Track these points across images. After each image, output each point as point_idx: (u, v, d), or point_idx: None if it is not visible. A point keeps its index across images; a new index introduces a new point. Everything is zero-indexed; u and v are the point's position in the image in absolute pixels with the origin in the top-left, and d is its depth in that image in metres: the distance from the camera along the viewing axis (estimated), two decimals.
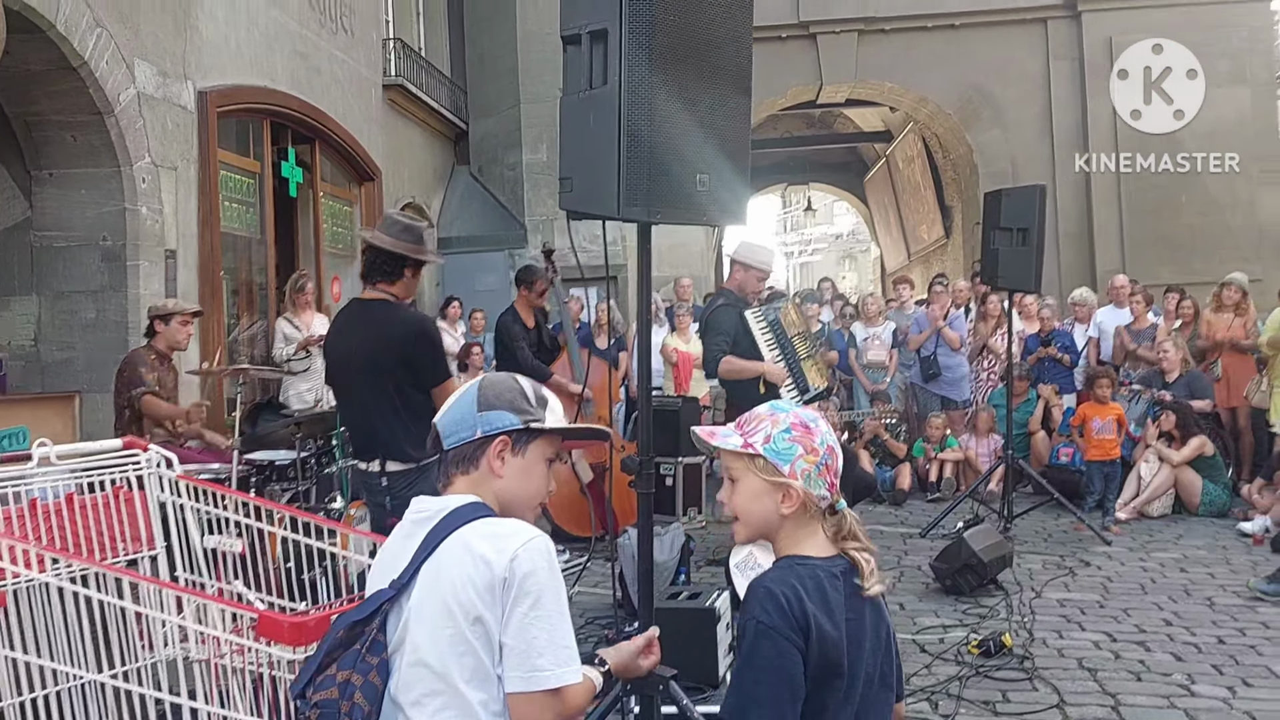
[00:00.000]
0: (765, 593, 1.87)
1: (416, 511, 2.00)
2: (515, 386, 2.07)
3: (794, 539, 1.96)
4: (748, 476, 1.97)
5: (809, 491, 1.93)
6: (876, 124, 19.96)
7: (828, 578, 1.91)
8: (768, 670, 1.83)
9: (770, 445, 1.94)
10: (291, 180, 9.52)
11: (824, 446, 1.95)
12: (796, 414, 1.98)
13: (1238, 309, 9.16)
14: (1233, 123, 13.59)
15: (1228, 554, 7.03)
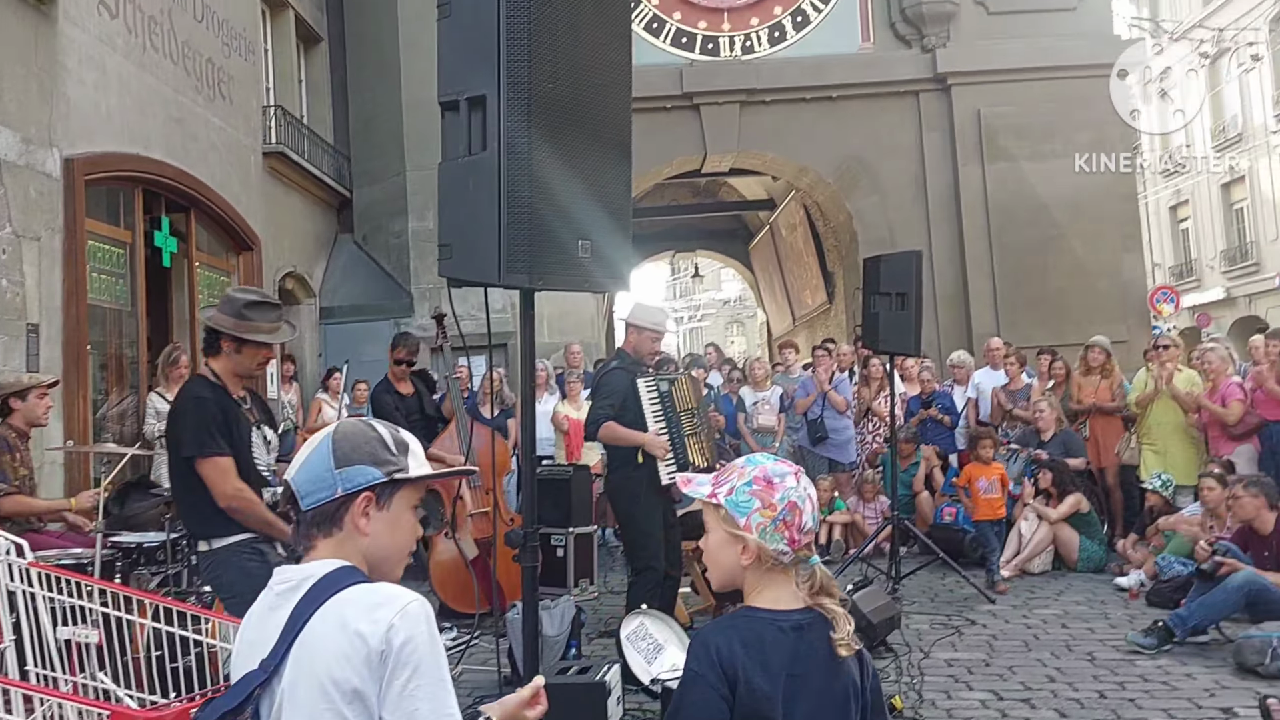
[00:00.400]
0: (700, 642, 1.96)
1: (280, 582, 1.85)
2: (373, 435, 1.91)
3: (756, 590, 2.01)
4: (715, 526, 2.04)
5: (763, 545, 1.97)
6: (760, 192, 20.39)
7: (774, 631, 1.95)
8: (692, 717, 1.91)
9: (731, 497, 2.00)
10: (165, 250, 9.23)
11: (784, 503, 1.98)
12: (765, 468, 2.02)
13: (1103, 370, 9.52)
14: (1095, 191, 14.24)
15: (1106, 609, 7.21)
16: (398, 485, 1.90)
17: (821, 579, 2.00)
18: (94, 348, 8.21)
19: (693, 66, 14.44)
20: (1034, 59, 14.24)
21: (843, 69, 14.44)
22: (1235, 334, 21.91)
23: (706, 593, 7.22)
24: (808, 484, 2.04)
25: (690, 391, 6.54)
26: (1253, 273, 28.04)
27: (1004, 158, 14.31)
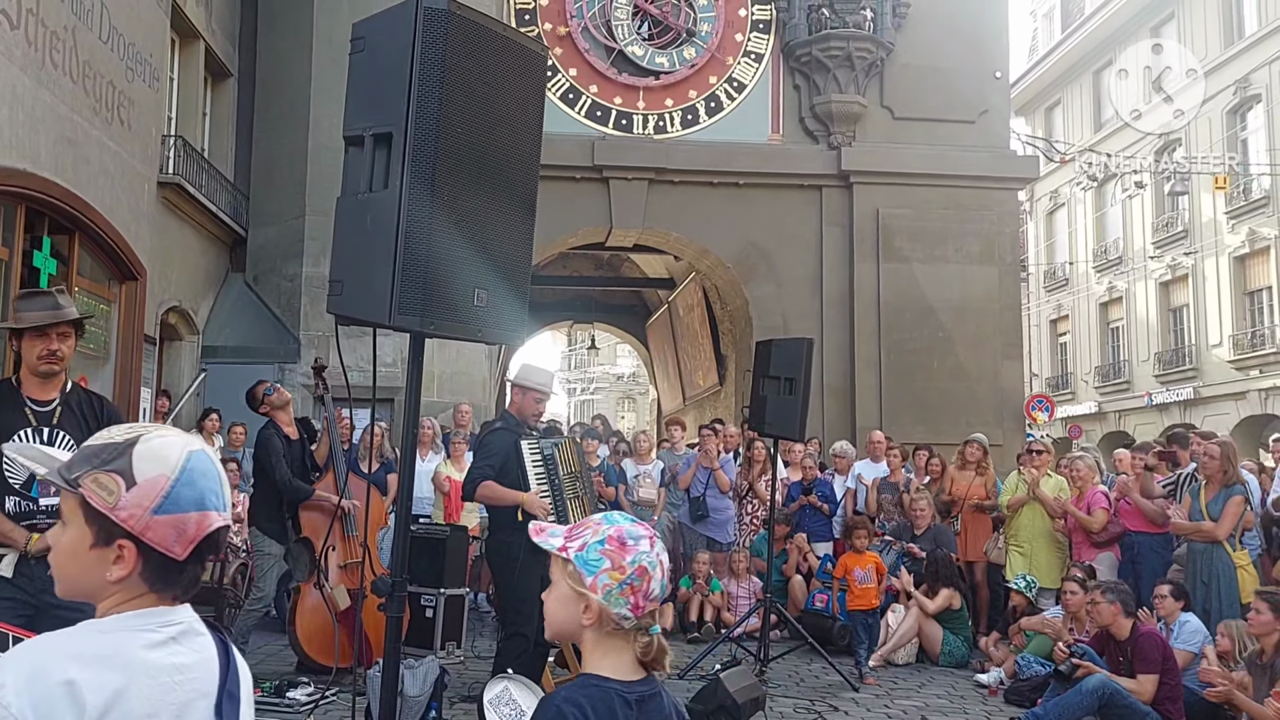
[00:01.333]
0: (554, 711, 1.84)
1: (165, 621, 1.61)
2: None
3: (596, 653, 1.94)
4: (560, 580, 1.96)
5: (605, 608, 1.89)
6: (661, 270, 20.65)
7: (621, 704, 1.88)
8: None
9: (581, 554, 1.92)
10: (44, 271, 8.87)
11: (634, 566, 1.90)
12: (621, 528, 1.94)
13: (979, 468, 9.80)
14: (981, 298, 14.79)
15: (965, 704, 7.31)
16: None
17: (657, 650, 1.94)
18: None
19: (605, 140, 14.65)
20: (933, 165, 14.82)
21: (751, 158, 14.81)
22: (1104, 447, 22.78)
23: (574, 664, 7.11)
24: (661, 550, 1.98)
25: (574, 455, 6.51)
26: (1124, 390, 29.30)
27: (898, 258, 14.77)
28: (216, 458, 1.62)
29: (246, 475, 9.38)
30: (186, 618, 1.59)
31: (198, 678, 1.56)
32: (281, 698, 6.30)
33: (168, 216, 11.62)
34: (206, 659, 1.59)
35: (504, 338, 3.54)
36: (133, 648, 1.49)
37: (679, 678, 7.60)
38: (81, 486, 1.51)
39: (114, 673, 1.44)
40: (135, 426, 1.60)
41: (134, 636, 1.51)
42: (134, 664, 1.48)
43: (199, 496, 1.55)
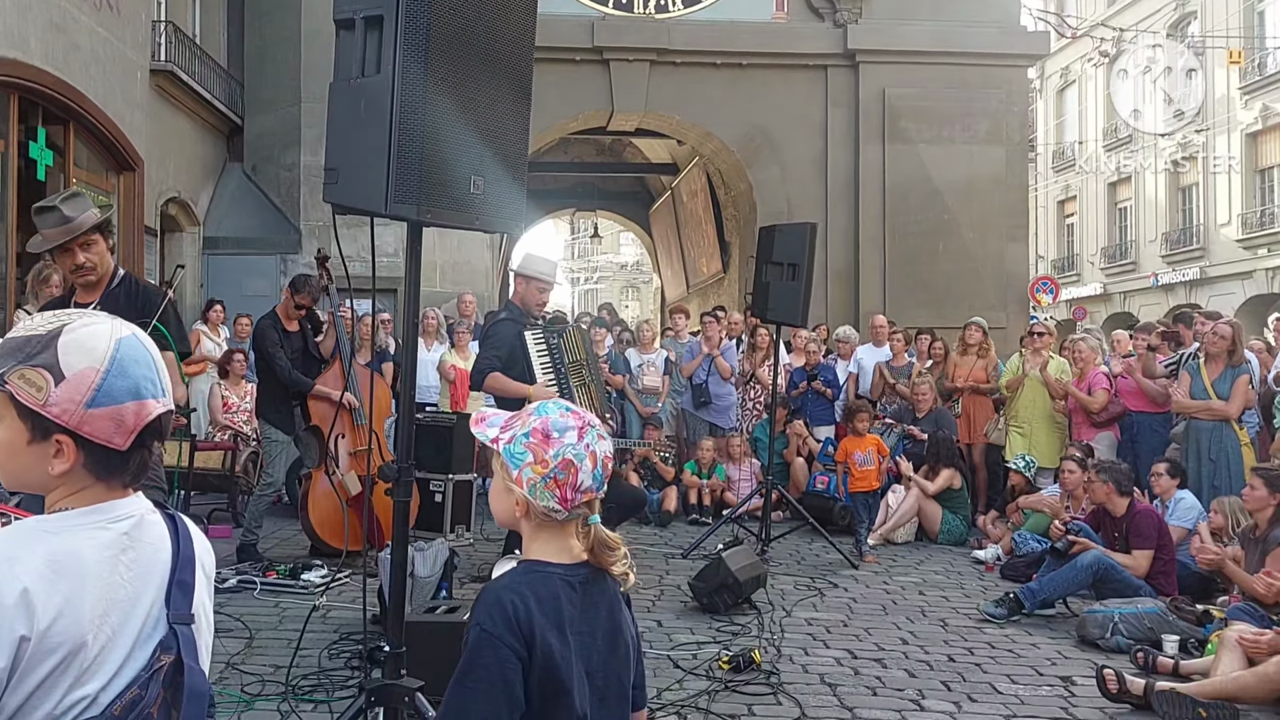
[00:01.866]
0: (494, 599, 1.82)
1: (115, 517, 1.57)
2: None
3: (536, 541, 1.93)
4: (497, 470, 1.95)
5: (532, 501, 1.88)
6: (664, 156, 20.41)
7: (564, 587, 1.87)
8: (485, 681, 1.77)
9: (510, 446, 1.90)
10: (40, 162, 8.82)
11: (558, 460, 1.87)
12: (547, 420, 1.90)
13: (980, 350, 9.84)
14: (988, 180, 14.63)
15: (962, 579, 7.49)
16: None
17: (597, 538, 1.91)
18: None
19: (605, 20, 14.34)
20: (941, 43, 14.52)
21: (754, 36, 14.50)
22: (1108, 328, 22.80)
23: None
24: (595, 440, 1.90)
25: (579, 344, 6.55)
26: (1129, 271, 29.20)
27: (904, 140, 14.58)
28: (149, 342, 1.56)
29: (251, 365, 9.45)
30: (138, 508, 1.55)
31: (149, 570, 1.53)
32: (296, 580, 6.47)
33: (162, 105, 11.48)
34: (158, 549, 1.56)
35: (502, 226, 3.52)
36: (83, 549, 1.46)
37: (682, 557, 7.79)
38: (8, 383, 1.45)
39: (64, 580, 1.41)
40: (60, 314, 1.53)
41: (84, 536, 1.47)
42: (85, 567, 1.44)
43: (133, 386, 1.50)
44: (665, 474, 9.90)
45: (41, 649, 1.38)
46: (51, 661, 1.39)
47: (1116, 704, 4.73)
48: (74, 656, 1.41)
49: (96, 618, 1.44)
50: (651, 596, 6.64)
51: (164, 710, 1.48)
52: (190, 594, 1.57)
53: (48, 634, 1.38)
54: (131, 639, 1.48)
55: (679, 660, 5.22)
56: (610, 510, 6.67)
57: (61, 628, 1.39)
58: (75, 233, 3.96)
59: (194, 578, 1.58)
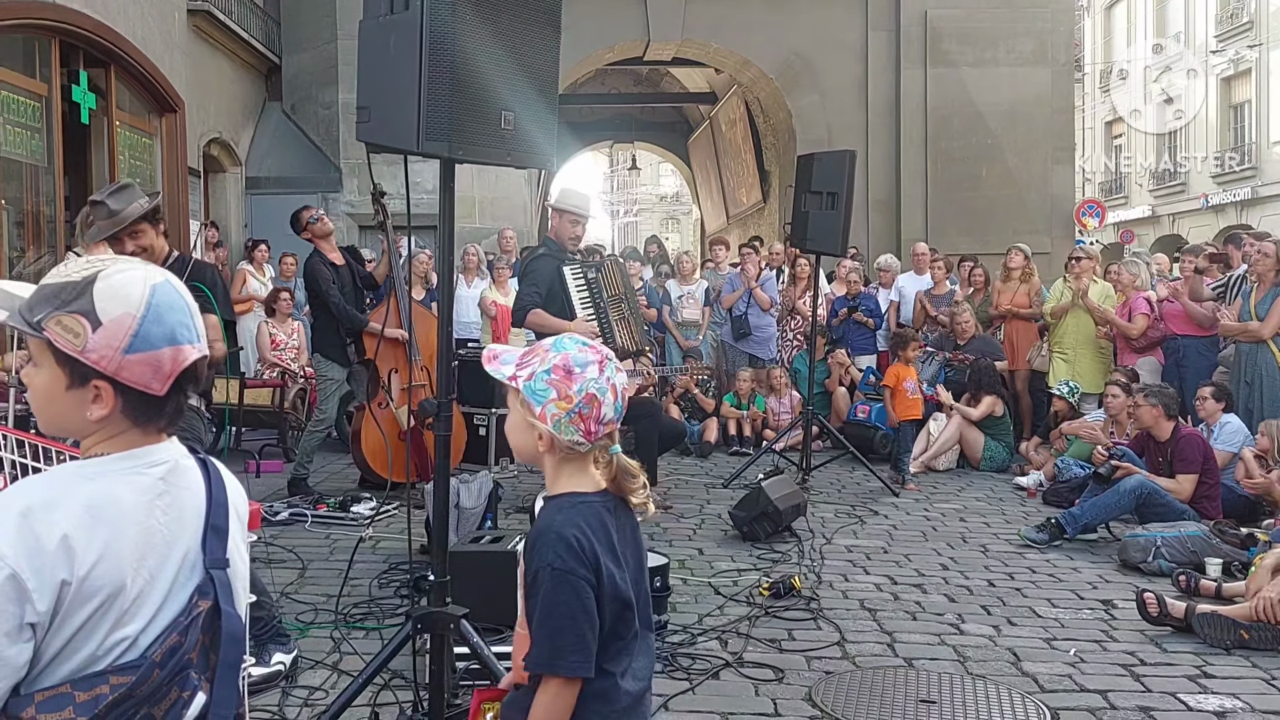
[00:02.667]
0: (556, 537, 1.86)
1: (151, 462, 1.58)
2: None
3: (563, 474, 1.96)
4: (515, 407, 1.97)
5: (556, 436, 1.91)
6: (702, 85, 20.16)
7: (605, 513, 1.93)
8: (570, 615, 1.83)
9: (530, 384, 1.91)
10: (83, 106, 8.90)
11: (581, 395, 1.89)
12: (567, 355, 1.93)
13: (1023, 275, 9.74)
14: (1032, 101, 14.32)
15: (1003, 505, 7.51)
16: None
17: (619, 466, 1.95)
18: (9, 203, 7.98)
19: None
20: None
21: None
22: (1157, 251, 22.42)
23: None
24: (614, 374, 1.95)
25: (617, 277, 6.57)
26: (1179, 192, 28.60)
27: (946, 63, 14.28)
28: (182, 287, 1.57)
29: (299, 304, 9.57)
30: (173, 454, 1.57)
31: (184, 515, 1.55)
32: (346, 512, 6.63)
33: (200, 46, 11.51)
34: (193, 494, 1.58)
35: (534, 161, 3.53)
36: (121, 494, 1.48)
37: (723, 487, 7.86)
38: (45, 330, 1.46)
39: (103, 526, 1.43)
40: (93, 261, 1.53)
41: (122, 481, 1.49)
42: (123, 514, 1.47)
43: (169, 332, 1.50)
44: (705, 406, 9.96)
45: (82, 593, 1.41)
46: (92, 605, 1.42)
47: (1157, 627, 4.75)
48: (114, 600, 1.44)
49: (135, 561, 1.46)
50: (692, 525, 6.73)
51: (203, 654, 1.51)
52: (225, 539, 1.59)
53: (88, 578, 1.41)
54: (169, 582, 1.51)
55: (719, 587, 5.30)
56: (652, 441, 6.74)
57: (101, 572, 1.42)
58: (121, 225, 4.06)
59: (228, 522, 1.61)
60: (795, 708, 3.83)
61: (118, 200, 4.11)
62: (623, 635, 1.92)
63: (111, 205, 4.12)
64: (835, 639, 4.58)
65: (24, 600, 1.37)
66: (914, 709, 3.83)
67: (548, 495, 1.99)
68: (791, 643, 4.54)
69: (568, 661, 1.83)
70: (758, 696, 3.93)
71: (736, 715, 3.75)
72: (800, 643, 4.54)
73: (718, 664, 4.21)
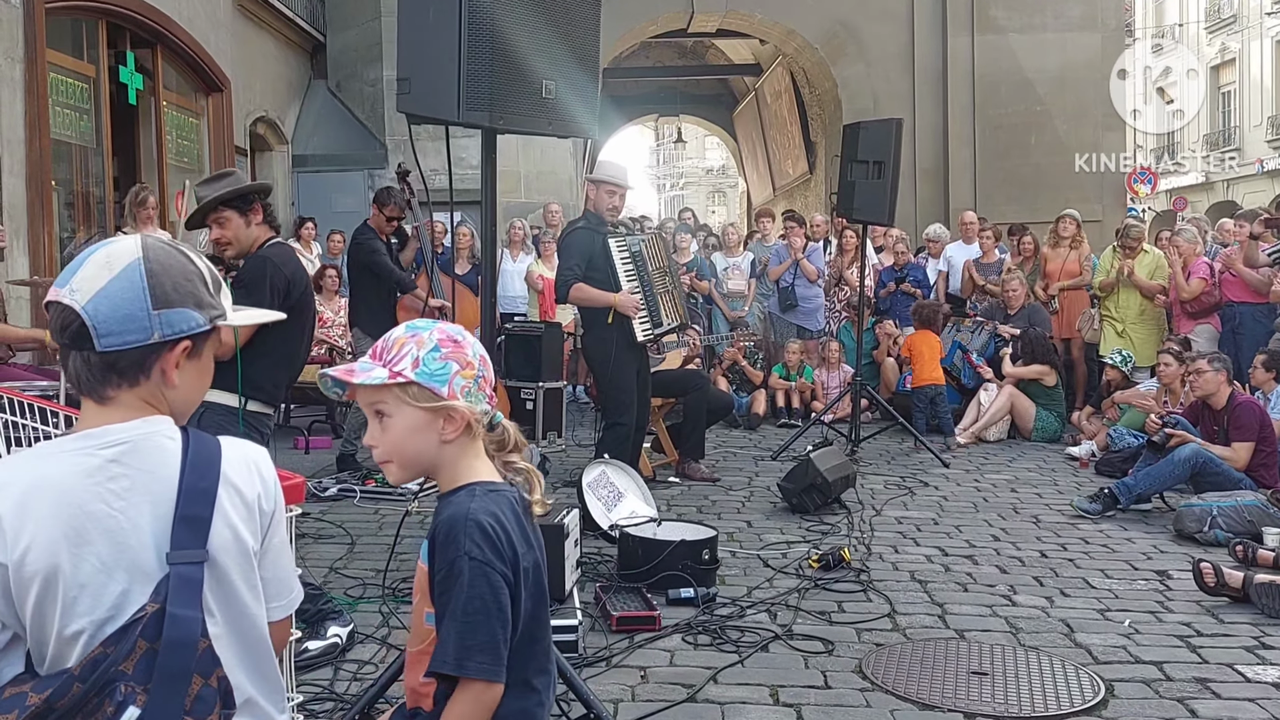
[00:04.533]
0: (473, 525, 1.70)
1: (105, 444, 1.48)
2: (193, 270, 1.57)
3: (463, 464, 1.81)
4: (401, 408, 1.77)
5: (472, 409, 1.78)
6: (747, 56, 20.00)
7: (517, 503, 1.80)
8: (483, 611, 1.69)
9: (421, 369, 1.76)
10: (131, 87, 9.00)
11: (477, 357, 1.81)
12: (440, 328, 1.81)
13: (1073, 242, 9.59)
14: (1081, 67, 14.06)
15: (1055, 476, 7.41)
16: (213, 330, 1.62)
17: (511, 434, 1.83)
18: (59, 184, 8.08)
19: None
20: None
21: None
22: (1211, 217, 21.93)
23: (670, 448, 7.36)
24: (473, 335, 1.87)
25: (661, 250, 6.55)
26: (1233, 157, 27.97)
27: (994, 29, 14.06)
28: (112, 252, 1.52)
29: (345, 282, 9.64)
30: (135, 432, 1.50)
31: (143, 500, 1.47)
32: (393, 487, 6.68)
33: (245, 25, 11.58)
34: (156, 478, 1.49)
35: (576, 130, 3.52)
36: (61, 476, 1.44)
37: (771, 459, 7.83)
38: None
39: (36, 507, 1.41)
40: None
41: (66, 462, 1.46)
42: (59, 495, 1.43)
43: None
44: (753, 378, 9.92)
45: (21, 579, 1.40)
46: (33, 592, 1.40)
47: (1214, 597, 4.66)
48: (51, 587, 1.40)
49: (72, 545, 1.41)
50: (741, 497, 6.71)
51: (144, 662, 1.41)
52: (202, 529, 1.48)
53: (23, 563, 1.39)
54: (130, 572, 1.45)
55: (769, 559, 5.28)
56: (700, 413, 6.72)
57: (34, 557, 1.39)
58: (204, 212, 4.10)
59: (209, 510, 1.49)
60: (846, 680, 3.81)
61: (206, 187, 4.13)
62: (539, 638, 1.80)
63: (199, 192, 4.16)
64: (886, 611, 4.55)
65: None
66: (966, 681, 3.79)
67: (445, 491, 1.81)
68: (841, 615, 4.51)
69: (476, 662, 1.68)
70: (807, 669, 3.91)
71: (786, 688, 3.73)
72: (850, 615, 4.51)
73: (767, 636, 4.18)
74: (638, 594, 4.46)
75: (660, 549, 4.64)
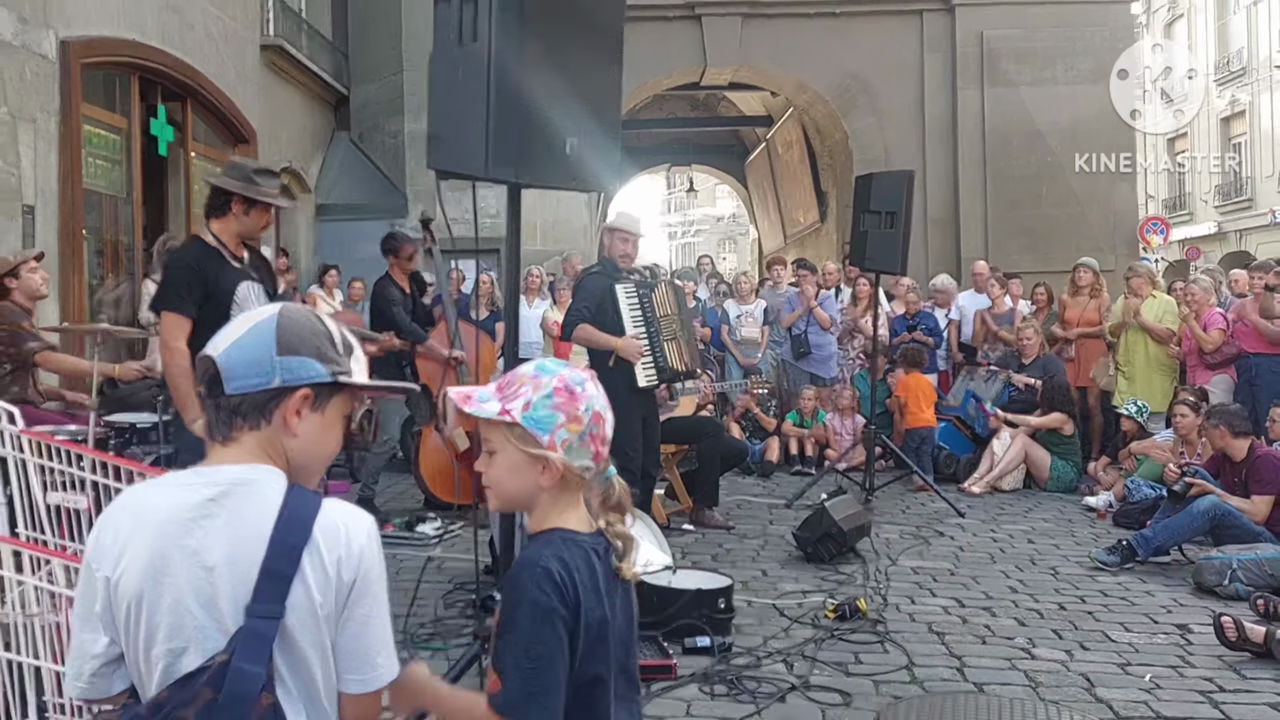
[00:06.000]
0: (541, 570, 1.70)
1: (204, 484, 1.56)
2: (320, 328, 1.66)
3: (554, 511, 1.80)
4: (505, 446, 1.78)
5: (569, 464, 1.76)
6: (758, 108, 20.22)
7: (594, 558, 1.77)
8: (546, 657, 1.67)
9: (529, 413, 1.75)
10: (161, 139, 9.18)
11: (589, 414, 1.78)
12: (562, 377, 1.80)
13: (1091, 291, 9.64)
14: (1093, 120, 14.18)
15: (1073, 527, 7.40)
16: (338, 388, 1.68)
17: (619, 493, 1.82)
18: (90, 233, 8.22)
19: None
20: None
21: None
22: (1224, 268, 21.94)
23: (684, 496, 7.39)
24: (601, 389, 1.84)
25: (670, 297, 6.60)
26: (1246, 208, 28.03)
27: (1004, 82, 14.21)
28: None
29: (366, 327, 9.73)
30: (237, 476, 1.56)
31: (230, 545, 1.52)
32: (412, 532, 6.72)
33: (272, 78, 11.81)
34: (250, 525, 1.53)
35: (597, 184, 3.62)
36: (159, 505, 1.54)
37: (786, 507, 7.84)
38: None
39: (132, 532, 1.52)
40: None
41: (171, 494, 1.55)
42: (152, 525, 1.51)
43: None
44: (767, 425, 9.95)
45: (116, 596, 1.52)
46: (124, 611, 1.51)
47: (1235, 652, 4.62)
48: (138, 610, 1.50)
49: (154, 574, 1.49)
50: (756, 546, 6.72)
51: (205, 711, 1.45)
52: (283, 585, 1.50)
53: (119, 583, 1.51)
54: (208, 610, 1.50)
55: (784, 609, 5.28)
56: (714, 461, 6.73)
57: (126, 580, 1.51)
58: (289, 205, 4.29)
59: (293, 567, 1.51)
60: None
61: (262, 176, 4.30)
62: (596, 694, 1.74)
63: (273, 182, 4.32)
64: (903, 663, 4.54)
65: (92, 587, 1.53)
66: None
67: (532, 533, 1.82)
68: (858, 666, 4.51)
69: (539, 706, 1.66)
70: None
71: None
72: (867, 666, 4.51)
73: (784, 687, 4.19)
74: (653, 642, 4.46)
75: (675, 597, 4.66)
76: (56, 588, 2.73)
